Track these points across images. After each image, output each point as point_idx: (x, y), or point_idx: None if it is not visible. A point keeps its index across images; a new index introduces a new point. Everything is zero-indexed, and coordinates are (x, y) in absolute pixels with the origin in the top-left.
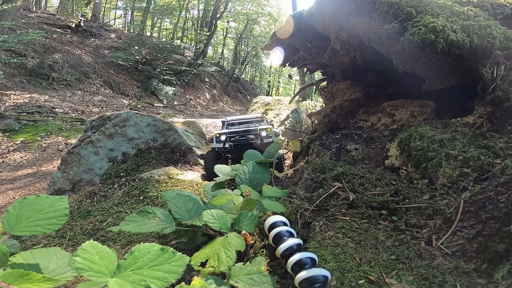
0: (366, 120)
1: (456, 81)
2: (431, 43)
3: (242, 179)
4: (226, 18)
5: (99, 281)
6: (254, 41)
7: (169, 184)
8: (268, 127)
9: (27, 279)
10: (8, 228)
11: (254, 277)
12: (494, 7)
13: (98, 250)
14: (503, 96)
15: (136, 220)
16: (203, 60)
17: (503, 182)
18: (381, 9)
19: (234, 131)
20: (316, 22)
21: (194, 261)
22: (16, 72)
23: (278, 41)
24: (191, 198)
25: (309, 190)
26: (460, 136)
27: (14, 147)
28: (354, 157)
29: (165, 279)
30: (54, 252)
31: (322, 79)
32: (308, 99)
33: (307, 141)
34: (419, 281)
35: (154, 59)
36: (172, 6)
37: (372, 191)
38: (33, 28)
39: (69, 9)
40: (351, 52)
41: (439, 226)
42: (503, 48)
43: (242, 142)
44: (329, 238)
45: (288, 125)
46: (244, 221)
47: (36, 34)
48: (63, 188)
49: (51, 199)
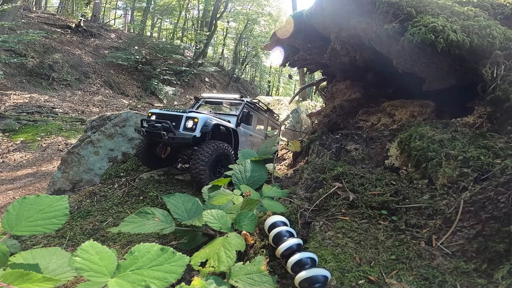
0: (366, 120)
1: (456, 81)
2: (431, 43)
3: (239, 178)
4: (226, 18)
5: (99, 281)
6: (254, 41)
7: (169, 184)
8: (195, 118)
9: (27, 279)
10: (8, 228)
11: (254, 276)
12: (494, 7)
13: (98, 250)
14: (503, 96)
15: (136, 221)
16: (203, 60)
17: (503, 182)
18: (381, 9)
19: (162, 114)
20: (316, 22)
21: (194, 261)
22: (16, 72)
23: (278, 41)
24: (190, 198)
25: (309, 190)
26: (460, 136)
27: (14, 147)
28: (354, 157)
29: (165, 279)
30: (54, 252)
31: (322, 79)
32: (308, 99)
33: (307, 141)
34: (419, 281)
35: (154, 59)
36: (172, 6)
37: (372, 191)
38: (33, 28)
39: (69, 9)
40: (351, 52)
41: (439, 226)
42: (503, 48)
43: (153, 131)
44: (329, 238)
45: (288, 125)
46: (244, 221)
47: (36, 34)
48: (63, 188)
49: (51, 199)
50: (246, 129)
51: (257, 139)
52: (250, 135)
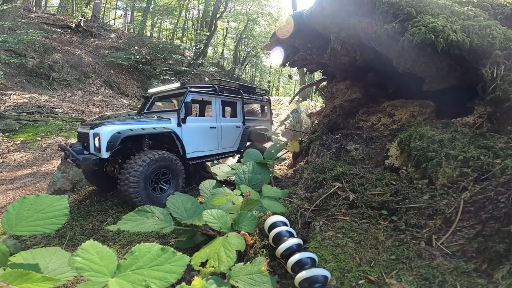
0: (366, 120)
1: (456, 81)
2: (431, 43)
3: (241, 178)
4: (226, 18)
5: (99, 281)
6: (254, 41)
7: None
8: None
9: (26, 279)
10: (8, 228)
11: (254, 277)
12: (494, 7)
13: (98, 250)
14: (503, 96)
15: (134, 219)
16: (203, 60)
17: (503, 182)
18: (381, 9)
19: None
20: (316, 22)
21: (194, 261)
22: (16, 72)
23: (278, 41)
24: (189, 197)
25: (309, 190)
26: (460, 136)
27: (14, 147)
28: (354, 157)
29: (165, 279)
30: (54, 252)
31: (322, 79)
32: (308, 99)
33: (307, 141)
34: (419, 281)
35: (154, 59)
36: (172, 6)
37: (372, 191)
38: (33, 28)
39: (69, 9)
40: (351, 52)
41: (439, 226)
42: (503, 48)
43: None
44: (329, 238)
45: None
46: (244, 221)
47: (36, 34)
48: (63, 188)
49: (51, 198)
50: (203, 123)
51: (230, 129)
52: (213, 127)
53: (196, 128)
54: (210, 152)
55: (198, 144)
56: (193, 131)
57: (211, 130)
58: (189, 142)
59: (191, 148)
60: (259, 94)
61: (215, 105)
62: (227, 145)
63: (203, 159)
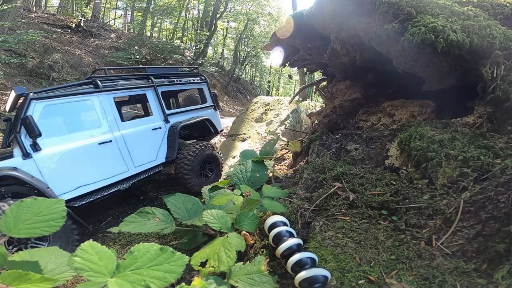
0: (366, 120)
1: (456, 81)
2: (431, 43)
3: (240, 178)
4: (226, 18)
5: (98, 281)
6: (254, 41)
7: (170, 184)
8: None
9: (25, 279)
10: (6, 230)
11: (254, 277)
12: (494, 7)
13: (98, 250)
14: (503, 96)
15: (136, 220)
16: (203, 60)
17: (503, 182)
18: (381, 9)
19: None
20: (316, 22)
21: (194, 261)
22: (16, 72)
23: (278, 41)
24: (190, 198)
25: (309, 190)
26: (460, 136)
27: None
28: (354, 157)
29: (165, 278)
30: (53, 251)
31: (322, 79)
32: (308, 99)
33: (307, 141)
34: (419, 281)
35: (154, 59)
36: (172, 6)
37: (372, 191)
38: (33, 28)
39: (69, 9)
40: (351, 52)
41: (439, 226)
42: (503, 48)
43: None
44: (329, 238)
45: (288, 125)
46: (244, 221)
47: (36, 34)
48: None
49: (48, 201)
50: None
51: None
52: (104, 141)
53: (67, 152)
54: (112, 179)
55: (80, 175)
56: (64, 157)
57: (101, 147)
58: (60, 176)
59: (66, 185)
60: (186, 75)
61: (101, 108)
62: (144, 160)
63: (102, 193)
